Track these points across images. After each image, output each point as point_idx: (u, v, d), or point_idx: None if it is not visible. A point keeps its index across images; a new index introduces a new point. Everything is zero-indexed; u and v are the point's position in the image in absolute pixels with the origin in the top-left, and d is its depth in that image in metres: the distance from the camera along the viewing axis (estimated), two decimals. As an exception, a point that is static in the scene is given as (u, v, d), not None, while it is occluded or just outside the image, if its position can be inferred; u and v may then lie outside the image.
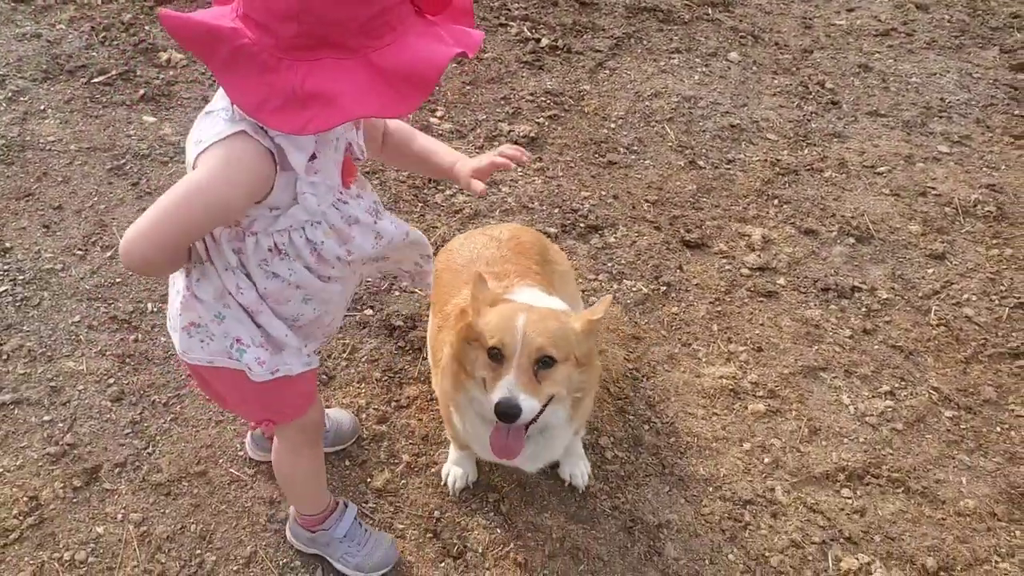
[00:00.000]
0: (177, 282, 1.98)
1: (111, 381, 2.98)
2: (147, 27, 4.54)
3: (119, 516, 2.64)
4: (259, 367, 1.95)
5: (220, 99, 1.76)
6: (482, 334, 2.23)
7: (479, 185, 2.14)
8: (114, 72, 4.23)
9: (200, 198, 1.70)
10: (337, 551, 2.54)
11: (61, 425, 2.85)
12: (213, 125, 1.71)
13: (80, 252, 3.39)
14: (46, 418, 2.86)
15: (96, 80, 4.18)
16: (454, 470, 2.80)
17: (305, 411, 2.28)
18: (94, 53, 4.34)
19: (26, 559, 2.51)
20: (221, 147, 1.68)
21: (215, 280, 1.90)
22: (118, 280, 3.30)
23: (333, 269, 1.95)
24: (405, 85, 1.56)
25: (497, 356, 2.20)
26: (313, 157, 1.78)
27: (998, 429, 3.13)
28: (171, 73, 4.30)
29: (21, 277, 3.26)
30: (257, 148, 1.69)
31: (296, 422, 2.24)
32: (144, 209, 3.51)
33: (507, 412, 2.13)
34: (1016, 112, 4.68)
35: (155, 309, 3.21)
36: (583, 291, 3.37)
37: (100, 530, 2.61)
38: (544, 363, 2.19)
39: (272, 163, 1.72)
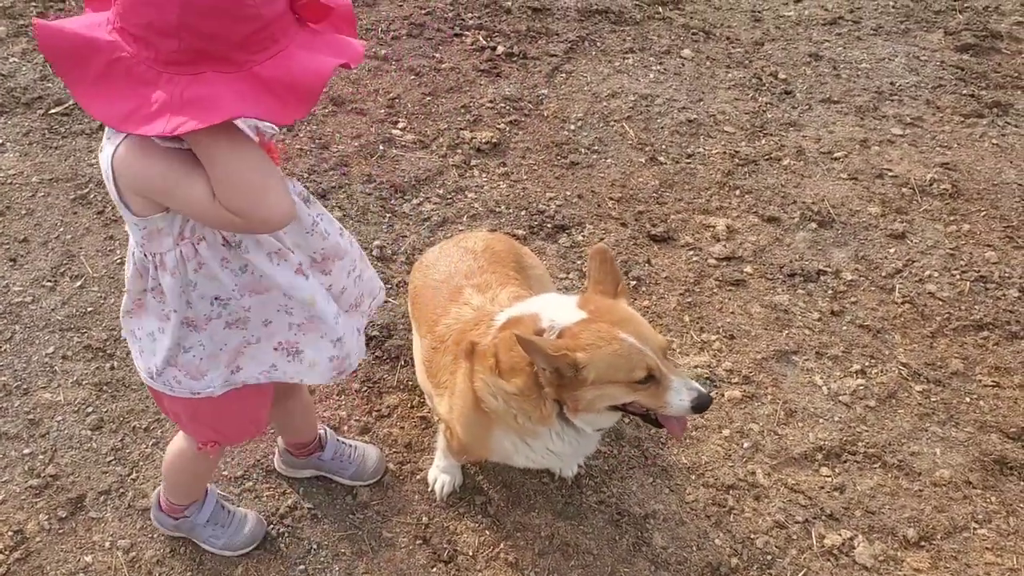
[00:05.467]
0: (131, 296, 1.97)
1: (89, 410, 2.97)
2: (101, 55, 4.52)
3: (107, 544, 2.64)
4: (176, 385, 2.00)
5: (104, 138, 1.73)
6: (610, 372, 2.16)
7: None
8: (71, 102, 4.20)
9: (173, 192, 1.66)
10: (202, 535, 2.60)
11: (42, 457, 2.83)
12: (104, 156, 1.70)
13: (49, 283, 3.37)
14: (26, 451, 2.84)
15: (53, 111, 4.16)
16: (441, 476, 2.81)
17: (253, 436, 2.32)
18: (49, 84, 4.32)
19: (15, 593, 2.50)
20: (118, 161, 1.65)
21: (155, 306, 1.91)
22: (90, 309, 3.29)
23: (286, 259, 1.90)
24: (288, 94, 1.52)
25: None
26: None
27: (967, 400, 3.20)
28: (129, 100, 4.28)
29: (-9, 312, 3.25)
30: (142, 136, 1.61)
31: None
32: (112, 237, 3.52)
33: (707, 402, 2.18)
34: (964, 92, 4.79)
35: (129, 336, 3.20)
36: (557, 290, 3.41)
37: (88, 559, 2.60)
38: (666, 353, 2.24)
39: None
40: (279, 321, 1.98)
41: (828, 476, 2.94)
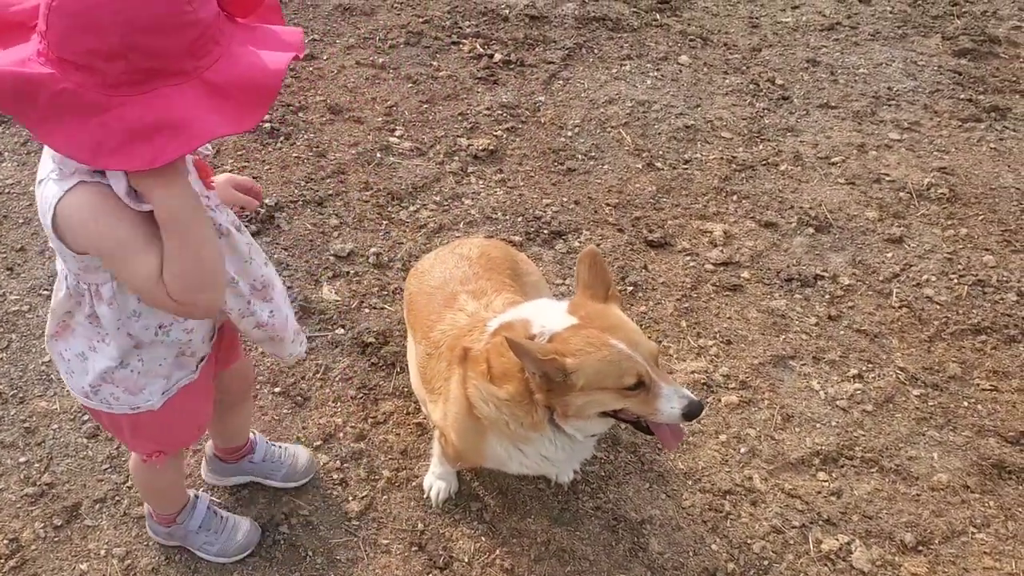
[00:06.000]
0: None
1: (85, 418, 2.97)
2: (100, 65, 4.54)
3: (102, 552, 2.63)
4: (115, 402, 2.01)
5: (46, 162, 1.67)
6: (598, 379, 2.14)
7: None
8: (69, 112, 4.22)
9: (114, 259, 1.66)
10: (196, 542, 2.60)
11: (38, 465, 2.83)
12: (46, 192, 1.63)
13: (46, 292, 3.37)
14: (22, 459, 2.85)
15: (51, 121, 4.17)
16: (437, 483, 2.81)
17: (197, 439, 2.32)
18: (48, 94, 4.33)
19: (10, 602, 2.50)
20: (65, 209, 1.61)
21: (86, 329, 1.91)
22: (86, 317, 3.29)
23: None
24: (247, 97, 1.51)
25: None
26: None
27: (965, 404, 3.19)
28: (127, 109, 4.29)
29: (-13, 321, 3.25)
30: (96, 188, 1.61)
31: None
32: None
33: (698, 409, 2.17)
34: (961, 96, 4.79)
35: (125, 344, 3.20)
36: (553, 296, 3.40)
37: (84, 567, 2.59)
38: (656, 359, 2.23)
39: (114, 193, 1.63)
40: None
41: (825, 481, 2.93)
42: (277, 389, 3.11)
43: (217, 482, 2.81)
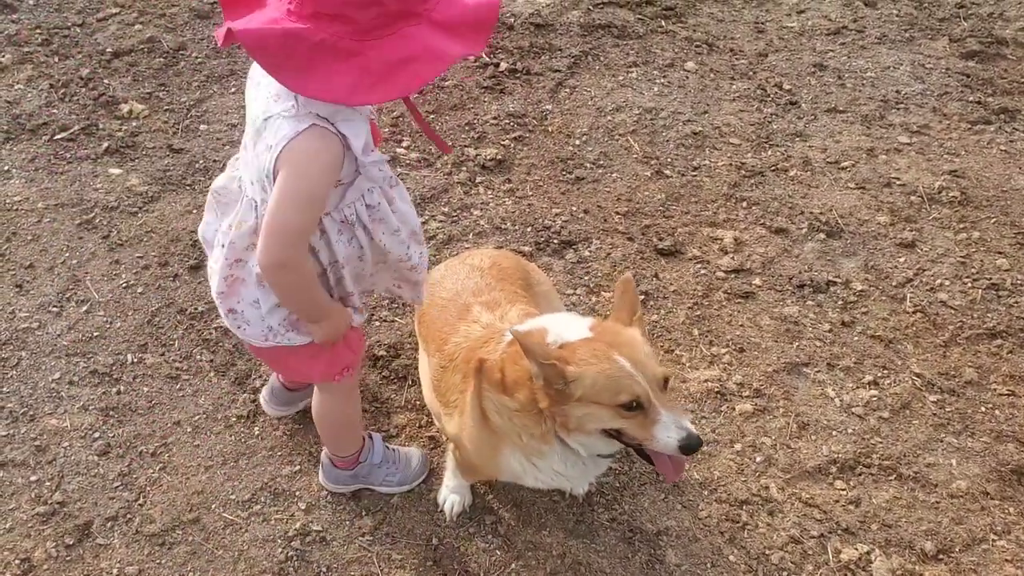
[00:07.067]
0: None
1: (96, 435, 2.95)
2: (106, 80, 4.53)
3: (114, 571, 2.61)
4: (287, 340, 2.24)
5: (273, 104, 1.87)
6: (595, 391, 2.11)
7: None
8: (76, 127, 4.21)
9: (294, 200, 1.85)
10: (378, 476, 2.78)
11: (49, 484, 2.81)
12: (279, 129, 1.84)
13: (55, 309, 3.36)
14: (32, 478, 2.83)
15: (59, 137, 4.17)
16: (451, 497, 2.79)
17: (364, 350, 2.52)
18: (55, 110, 4.32)
19: (23, 622, 2.48)
20: (296, 146, 1.82)
21: (254, 273, 2.12)
22: (96, 334, 3.27)
23: (384, 235, 2.12)
24: (471, 32, 1.78)
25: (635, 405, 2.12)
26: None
27: (982, 409, 3.16)
28: (134, 124, 4.29)
29: (-3, 339, 3.24)
30: (327, 135, 1.83)
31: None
32: (117, 261, 3.51)
33: (696, 445, 2.12)
34: (970, 99, 4.76)
35: (135, 360, 3.19)
36: (564, 306, 3.38)
37: (96, 586, 2.58)
38: (662, 386, 2.18)
39: (342, 146, 1.86)
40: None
41: (843, 489, 2.90)
42: (288, 404, 3.09)
43: (277, 412, 3.01)
